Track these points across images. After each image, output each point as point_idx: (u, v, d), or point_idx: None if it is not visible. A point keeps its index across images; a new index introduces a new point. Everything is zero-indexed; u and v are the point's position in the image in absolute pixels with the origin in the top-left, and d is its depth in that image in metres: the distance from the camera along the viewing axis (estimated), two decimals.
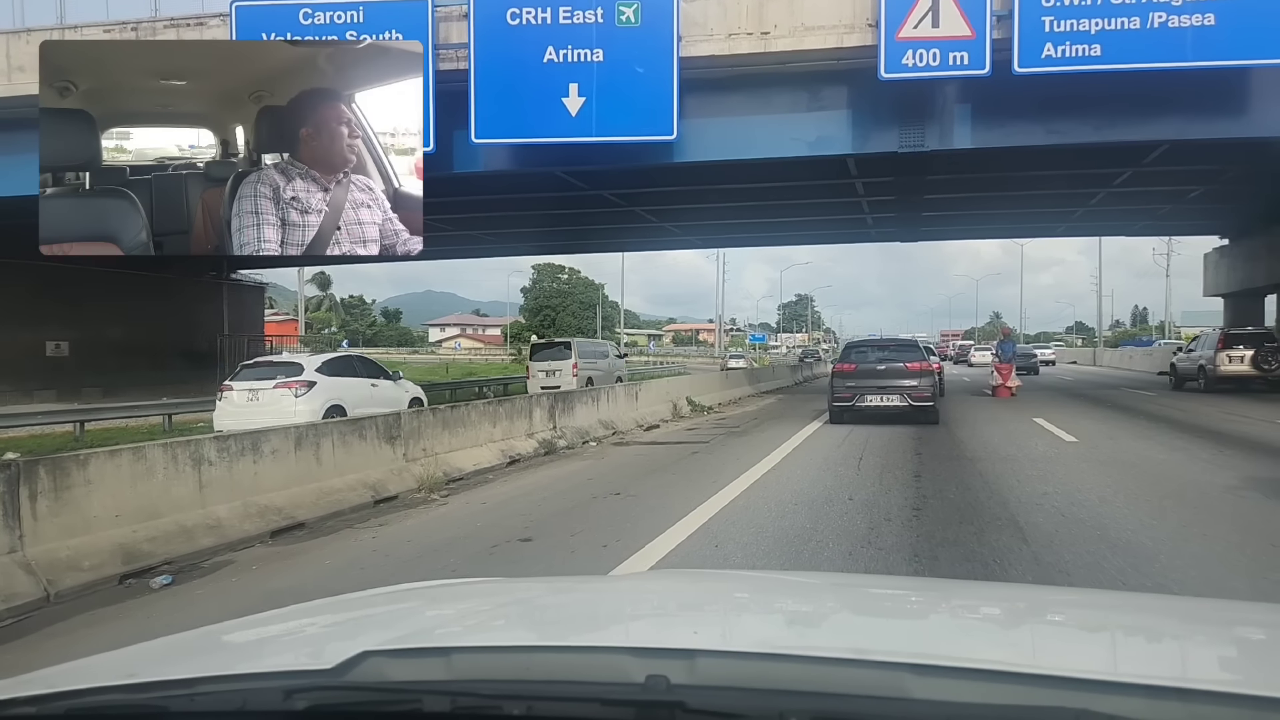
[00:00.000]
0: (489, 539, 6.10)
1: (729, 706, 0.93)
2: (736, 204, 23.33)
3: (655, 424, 14.27)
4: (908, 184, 20.78)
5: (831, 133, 15.62)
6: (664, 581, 2.63)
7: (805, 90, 15.36)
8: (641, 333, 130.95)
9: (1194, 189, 22.45)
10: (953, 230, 32.40)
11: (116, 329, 26.01)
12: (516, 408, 10.16)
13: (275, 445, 6.27)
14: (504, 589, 2.01)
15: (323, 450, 6.72)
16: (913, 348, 15.12)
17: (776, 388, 26.60)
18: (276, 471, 6.24)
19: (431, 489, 7.73)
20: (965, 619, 1.61)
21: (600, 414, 12.62)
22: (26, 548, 4.74)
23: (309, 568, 5.50)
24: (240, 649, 1.46)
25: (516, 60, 14.28)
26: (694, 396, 17.50)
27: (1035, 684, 0.97)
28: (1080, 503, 7.02)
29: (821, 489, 7.80)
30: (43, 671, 1.21)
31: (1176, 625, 1.55)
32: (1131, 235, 33.43)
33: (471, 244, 29.94)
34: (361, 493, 7.03)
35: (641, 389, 14.94)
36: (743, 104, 15.50)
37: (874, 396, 13.79)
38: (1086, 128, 14.99)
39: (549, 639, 1.43)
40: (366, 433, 7.35)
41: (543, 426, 10.72)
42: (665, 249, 43.56)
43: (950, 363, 44.48)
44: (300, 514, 6.28)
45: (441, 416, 8.56)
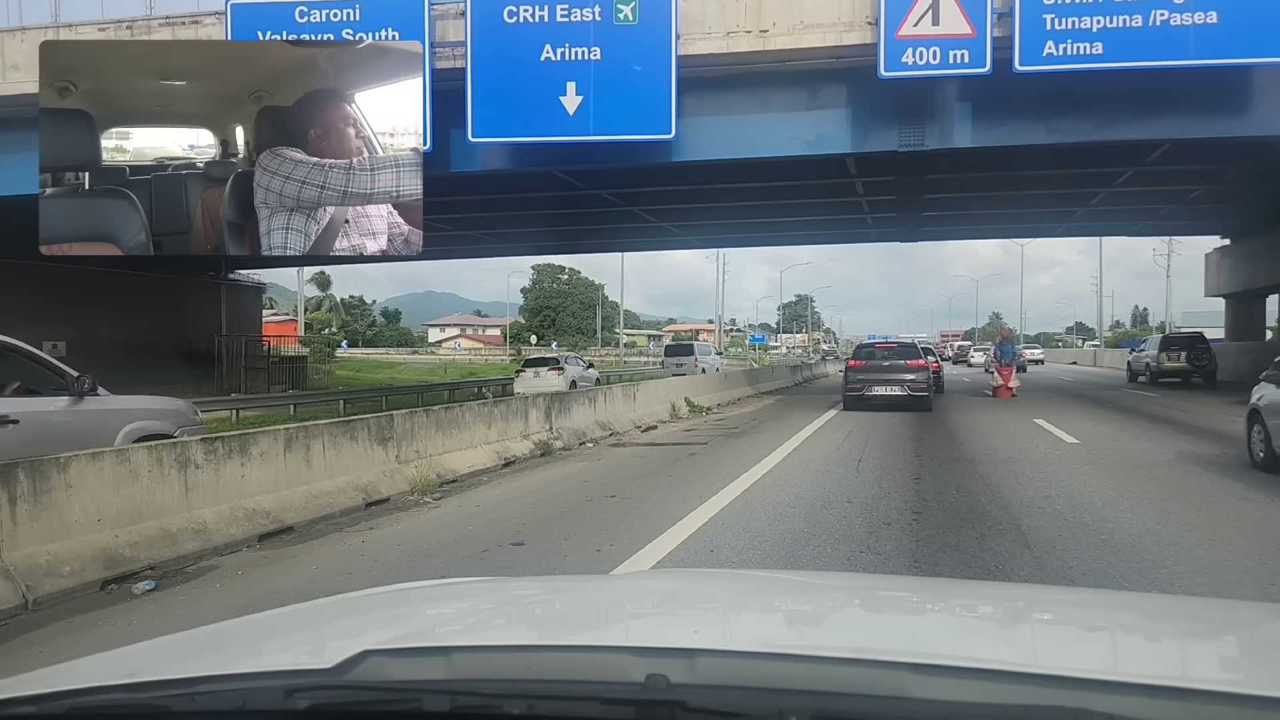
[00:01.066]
0: (480, 543, 5.99)
1: (729, 705, 0.93)
2: (735, 204, 23.23)
3: (653, 425, 14.15)
4: (908, 184, 20.67)
5: (831, 132, 15.51)
6: (664, 580, 2.63)
7: (804, 89, 15.25)
8: (642, 333, 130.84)
9: (1195, 189, 22.35)
10: (953, 230, 32.31)
11: (114, 329, 25.90)
12: (512, 409, 10.03)
13: (264, 447, 6.14)
14: (504, 588, 2.02)
15: (313, 452, 6.60)
16: (911, 348, 18.25)
17: (776, 388, 26.47)
18: (265, 474, 6.11)
19: (424, 491, 7.60)
20: (965, 619, 1.61)
21: (597, 415, 12.50)
22: (4, 553, 4.63)
23: (295, 572, 5.38)
24: (240, 648, 1.44)
25: (514, 58, 14.18)
26: (693, 397, 17.38)
27: (1034, 683, 0.98)
28: (1083, 506, 6.90)
29: (820, 492, 7.68)
30: (43, 671, 1.21)
31: (1176, 625, 1.55)
32: (1132, 235, 33.35)
33: (469, 244, 29.85)
34: (352, 495, 6.90)
35: (639, 390, 14.81)
36: (741, 103, 15.39)
37: (880, 387, 16.77)
38: (1088, 127, 14.89)
39: (549, 638, 1.44)
40: (358, 434, 7.22)
41: (539, 428, 10.59)
42: (664, 249, 43.50)
43: (950, 363, 44.89)
44: (289, 517, 6.15)
45: (435, 418, 8.43)
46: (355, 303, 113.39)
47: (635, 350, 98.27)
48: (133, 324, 26.53)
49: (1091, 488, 7.76)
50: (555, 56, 14.15)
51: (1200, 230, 30.63)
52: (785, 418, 16.12)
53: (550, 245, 37.10)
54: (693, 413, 16.67)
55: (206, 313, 29.80)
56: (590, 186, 19.86)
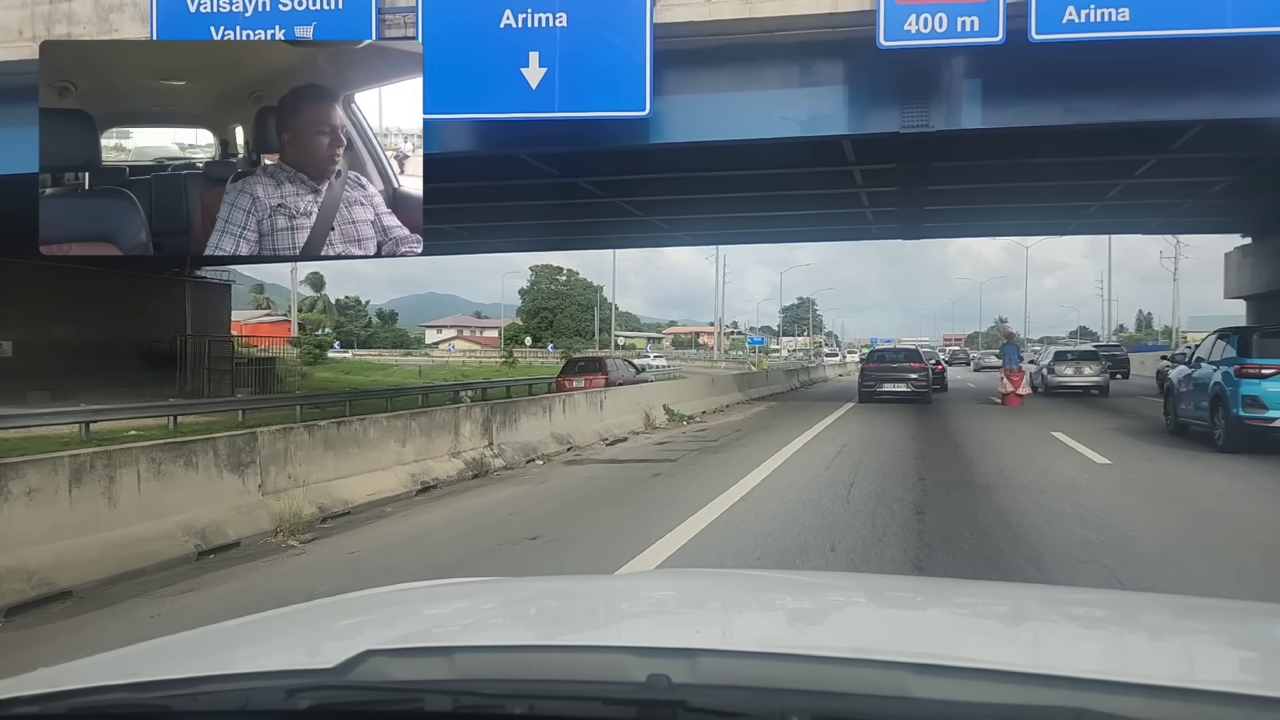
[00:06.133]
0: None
1: (730, 705, 0.93)
2: (724, 195, 21.55)
3: (622, 437, 12.53)
4: (909, 173, 19.13)
5: (826, 111, 14.03)
6: (665, 580, 2.62)
7: (796, 63, 13.77)
8: (641, 335, 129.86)
9: (1220, 180, 20.78)
10: (957, 227, 30.65)
11: (67, 328, 24.37)
12: (436, 422, 8.41)
13: (33, 483, 4.56)
14: (505, 588, 2.00)
15: (121, 485, 5.02)
16: (915, 353, 23.55)
17: (770, 394, 24.89)
18: (34, 519, 4.53)
19: (292, 531, 6.00)
20: (966, 618, 1.62)
21: (554, 426, 10.89)
22: None
23: (41, 660, 3.80)
24: (242, 648, 1.44)
25: (470, 26, 12.70)
26: (673, 404, 15.75)
27: (1035, 683, 0.98)
28: (1136, 558, 5.31)
29: (797, 533, 6.09)
30: (45, 671, 1.22)
31: (1177, 625, 1.54)
32: (1148, 233, 31.76)
33: (442, 239, 28.12)
34: (181, 541, 5.29)
35: (609, 397, 13.16)
36: (727, 79, 13.93)
37: (889, 384, 20.52)
38: (1110, 106, 13.38)
39: (551, 638, 1.45)
40: (198, 458, 5.62)
41: (473, 444, 8.98)
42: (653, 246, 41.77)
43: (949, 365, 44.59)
44: (68, 577, 4.55)
45: (322, 435, 6.83)
46: (350, 303, 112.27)
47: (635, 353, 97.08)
48: (88, 323, 25.01)
49: (1141, 529, 6.15)
50: (516, 23, 12.65)
51: (1219, 228, 29.05)
52: (774, 428, 14.54)
53: (529, 241, 34.65)
54: (672, 422, 15.06)
55: (169, 311, 28.28)
56: (566, 174, 18.25)
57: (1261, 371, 10.21)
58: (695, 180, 19.47)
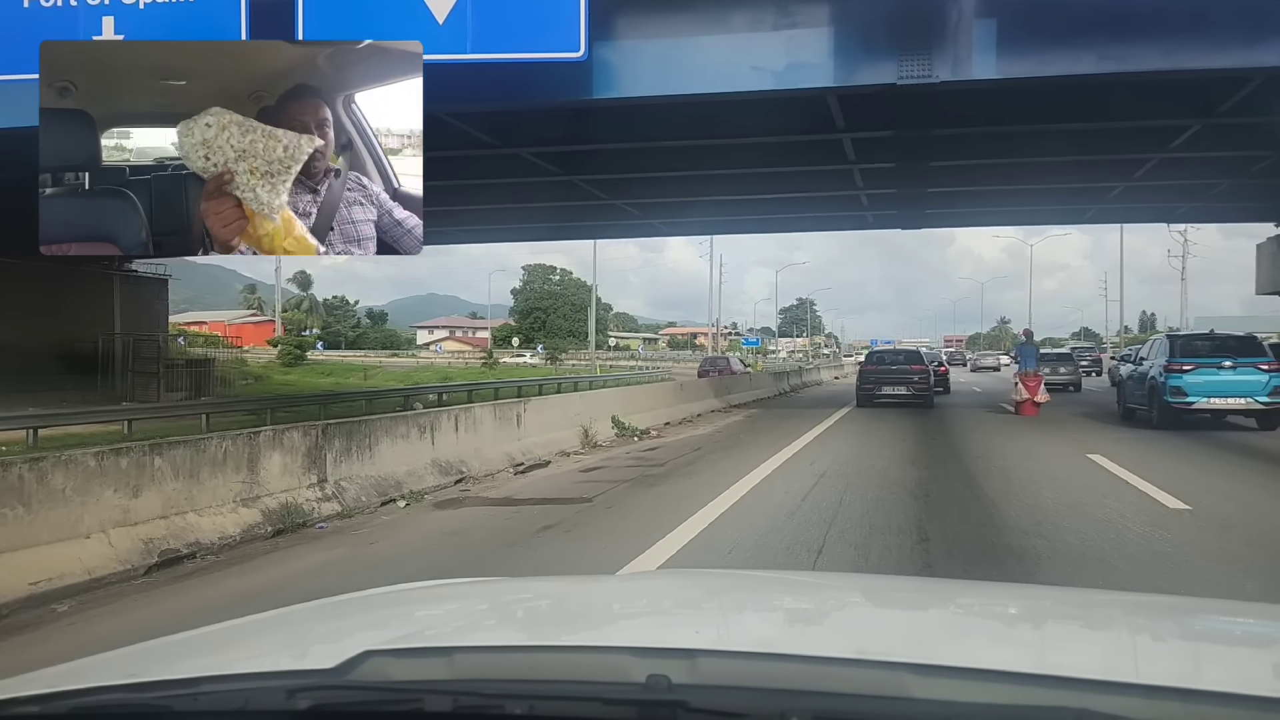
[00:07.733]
0: None
1: (730, 706, 0.93)
2: (693, 173, 18.81)
3: (543, 460, 9.85)
4: (908, 145, 16.52)
5: (807, 59, 11.46)
6: (665, 581, 2.59)
7: (771, 2, 11.30)
8: (636, 336, 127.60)
9: (1266, 156, 18.14)
10: (961, 214, 27.89)
11: None
12: (206, 454, 5.65)
13: None
14: (505, 589, 2.02)
15: None
16: (916, 354, 22.72)
17: (753, 399, 22.27)
18: None
19: None
20: (966, 619, 1.62)
21: (439, 451, 8.21)
22: None
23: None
24: (242, 648, 1.43)
25: None
26: (625, 415, 13.09)
27: (1036, 684, 0.98)
28: None
29: None
30: (45, 671, 1.20)
31: (1178, 625, 1.54)
32: (1172, 221, 29.07)
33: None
34: None
35: (529, 407, 10.40)
36: (687, 23, 11.42)
37: (889, 387, 19.72)
38: (1154, 53, 10.84)
39: (551, 639, 1.44)
40: None
41: (288, 482, 6.29)
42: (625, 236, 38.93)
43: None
44: None
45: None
46: (337, 303, 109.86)
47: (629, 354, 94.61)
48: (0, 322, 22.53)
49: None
50: None
51: (1250, 216, 26.45)
52: (743, 445, 11.94)
53: (489, 232, 30.98)
54: (621, 437, 12.43)
55: (96, 309, 25.74)
56: (504, 143, 15.56)
57: (1183, 369, 13.42)
58: (655, 152, 16.78)
